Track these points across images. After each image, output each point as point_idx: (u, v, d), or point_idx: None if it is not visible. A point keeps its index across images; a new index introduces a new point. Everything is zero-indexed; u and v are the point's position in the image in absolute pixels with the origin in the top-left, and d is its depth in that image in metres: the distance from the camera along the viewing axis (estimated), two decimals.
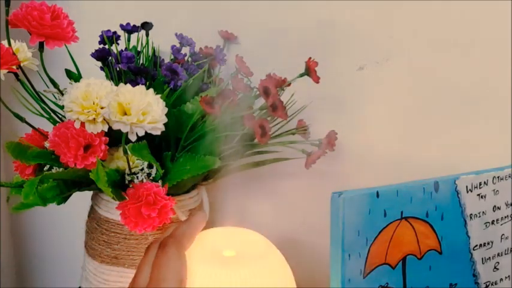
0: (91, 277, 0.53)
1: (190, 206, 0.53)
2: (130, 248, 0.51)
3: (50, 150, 0.46)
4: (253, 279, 0.31)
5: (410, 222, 0.43)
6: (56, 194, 0.46)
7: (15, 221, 0.77)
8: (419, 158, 0.58)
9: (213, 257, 0.32)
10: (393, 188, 0.42)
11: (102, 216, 0.52)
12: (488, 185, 0.46)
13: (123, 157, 0.46)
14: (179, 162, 0.48)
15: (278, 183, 0.64)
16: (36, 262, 0.78)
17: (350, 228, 0.39)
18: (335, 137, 0.53)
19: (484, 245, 0.46)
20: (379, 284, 0.42)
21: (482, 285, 0.46)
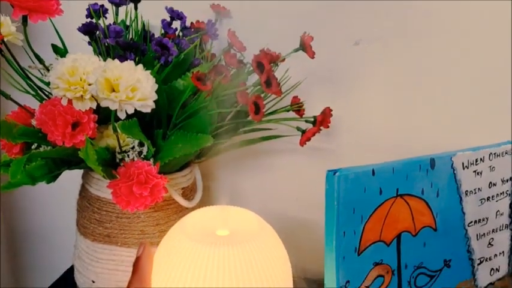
0: (84, 255, 0.53)
1: (183, 185, 0.52)
2: (122, 227, 0.50)
3: (37, 129, 0.44)
4: (247, 258, 0.30)
5: (406, 199, 0.42)
6: (44, 173, 0.45)
7: (7, 200, 0.76)
8: (415, 135, 0.58)
9: (206, 236, 0.32)
10: (389, 165, 0.41)
11: (93, 194, 0.51)
12: (485, 162, 0.46)
13: (113, 135, 0.45)
14: (171, 140, 0.47)
15: (272, 161, 0.63)
16: (29, 241, 0.78)
17: (345, 206, 0.39)
18: (330, 114, 0.53)
19: (479, 222, 0.46)
20: (373, 261, 0.42)
21: (477, 261, 0.46)
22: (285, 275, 0.32)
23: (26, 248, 0.78)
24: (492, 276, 0.47)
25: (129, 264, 0.50)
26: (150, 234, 0.50)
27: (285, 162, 0.63)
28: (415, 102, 0.58)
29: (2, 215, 0.75)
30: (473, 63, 0.56)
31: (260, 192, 0.64)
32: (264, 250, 0.31)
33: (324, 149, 0.60)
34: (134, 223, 0.50)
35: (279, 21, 0.59)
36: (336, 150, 0.60)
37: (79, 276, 0.54)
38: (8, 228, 0.77)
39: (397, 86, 0.58)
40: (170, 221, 0.51)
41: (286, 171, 0.63)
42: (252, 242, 0.31)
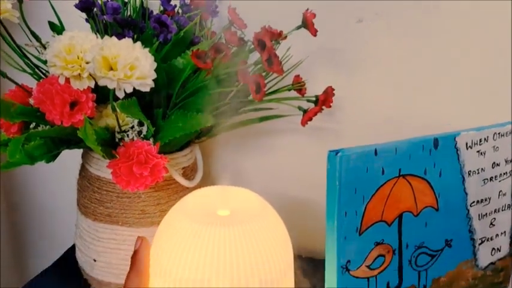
0: (85, 234, 0.53)
1: (184, 164, 0.52)
2: (123, 206, 0.50)
3: (35, 108, 0.44)
4: (247, 239, 0.30)
5: (408, 179, 0.42)
6: (43, 153, 0.45)
7: (7, 179, 0.76)
8: (419, 115, 0.57)
9: (207, 216, 0.32)
10: (392, 145, 0.41)
11: (94, 174, 0.51)
12: (489, 142, 0.45)
13: (112, 115, 0.44)
14: (171, 120, 0.47)
15: (273, 141, 0.63)
16: (29, 220, 0.78)
17: (347, 186, 0.39)
18: (332, 94, 0.52)
19: (481, 202, 0.46)
20: (374, 241, 0.41)
21: (478, 241, 0.46)
22: (286, 255, 0.32)
23: (27, 227, 0.79)
24: (493, 256, 0.47)
25: (130, 243, 0.51)
26: (151, 213, 0.50)
27: (286, 142, 0.62)
28: (418, 81, 0.57)
29: (2, 194, 0.75)
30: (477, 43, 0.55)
31: (261, 172, 0.64)
32: (265, 230, 0.31)
33: (325, 129, 0.59)
34: (135, 203, 0.50)
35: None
36: (337, 130, 0.59)
37: (80, 255, 0.54)
38: (9, 207, 0.77)
39: (400, 65, 0.57)
40: (171, 200, 0.50)
41: (287, 151, 0.63)
42: (253, 222, 0.31)
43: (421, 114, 0.57)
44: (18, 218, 0.78)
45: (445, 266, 0.45)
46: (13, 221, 0.78)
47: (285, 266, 0.31)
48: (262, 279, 0.29)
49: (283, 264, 0.31)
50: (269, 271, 0.30)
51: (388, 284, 0.43)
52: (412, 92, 0.58)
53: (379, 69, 0.58)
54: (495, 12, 0.53)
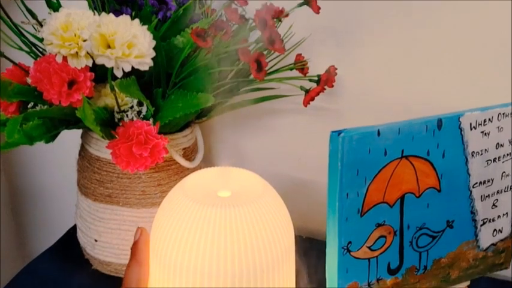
0: (85, 215, 0.53)
1: (184, 145, 0.51)
2: (123, 187, 0.50)
3: (33, 87, 0.43)
4: (248, 220, 0.30)
5: (411, 160, 0.42)
6: (42, 133, 0.44)
7: (8, 159, 0.76)
8: (422, 95, 0.56)
9: (207, 198, 0.31)
10: (395, 126, 0.40)
11: (93, 155, 0.50)
12: (493, 122, 0.45)
13: (111, 94, 0.44)
14: (171, 100, 0.46)
15: (275, 121, 0.62)
16: (30, 200, 0.78)
17: (349, 168, 0.38)
18: (335, 73, 0.51)
19: (484, 183, 0.46)
20: (376, 222, 0.41)
21: (480, 222, 0.46)
22: (287, 236, 0.32)
23: (28, 207, 0.79)
24: (495, 237, 0.47)
25: (131, 223, 0.51)
26: (151, 194, 0.50)
27: (288, 123, 0.62)
28: (422, 61, 0.56)
29: (2, 175, 0.75)
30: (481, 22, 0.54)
31: (262, 153, 0.63)
32: (266, 211, 0.31)
33: (327, 109, 0.58)
34: (135, 183, 0.50)
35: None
36: (340, 110, 0.59)
37: (81, 235, 0.54)
38: (9, 188, 0.77)
39: (405, 44, 0.56)
40: (171, 181, 0.50)
41: (289, 131, 0.62)
42: (254, 203, 0.31)
43: (425, 94, 0.57)
44: (19, 198, 0.78)
45: (446, 247, 0.45)
46: (14, 201, 0.78)
47: (286, 247, 0.31)
48: (263, 260, 0.29)
49: (284, 245, 0.31)
50: (270, 252, 0.30)
51: (388, 265, 0.43)
52: (416, 72, 0.57)
53: (383, 48, 0.57)
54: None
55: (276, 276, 0.30)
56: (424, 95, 0.56)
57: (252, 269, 0.29)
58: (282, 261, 0.31)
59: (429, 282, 0.45)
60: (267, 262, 0.30)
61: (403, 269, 0.43)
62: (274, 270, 0.30)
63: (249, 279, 0.29)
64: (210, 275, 0.29)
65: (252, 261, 0.29)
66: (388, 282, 0.43)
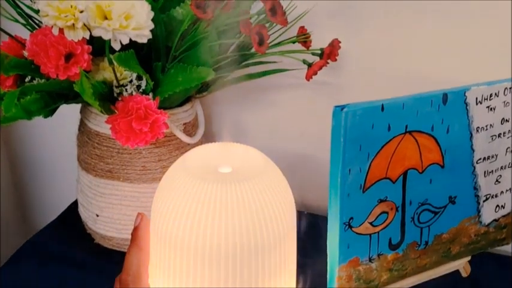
0: (86, 190, 0.53)
1: (185, 120, 0.51)
2: (124, 163, 0.50)
3: (30, 60, 0.42)
4: (249, 196, 0.29)
5: (414, 136, 0.41)
6: (40, 107, 0.43)
7: (8, 134, 0.75)
8: (427, 69, 0.55)
9: (208, 174, 0.31)
10: (399, 101, 0.39)
11: (93, 130, 0.50)
12: (499, 97, 0.44)
13: (109, 68, 0.43)
14: (170, 74, 0.45)
15: (277, 96, 0.61)
16: (31, 174, 0.78)
17: (351, 143, 0.38)
18: (338, 46, 0.50)
19: (488, 158, 0.45)
20: (378, 198, 0.41)
21: (483, 198, 0.46)
22: (289, 213, 0.31)
23: (29, 182, 0.79)
24: (497, 212, 0.47)
25: (132, 199, 0.51)
26: (152, 170, 0.50)
27: (290, 98, 0.61)
28: (428, 35, 0.55)
29: (3, 150, 0.75)
30: None
31: (264, 128, 0.63)
32: (267, 187, 0.31)
33: (330, 83, 0.57)
34: (136, 159, 0.49)
35: None
36: (343, 85, 0.58)
37: (83, 210, 0.55)
38: (10, 163, 0.77)
39: (411, 17, 0.55)
40: (172, 157, 0.50)
41: (291, 106, 0.61)
42: (255, 179, 0.30)
43: (430, 69, 0.55)
44: (20, 173, 0.78)
45: (447, 222, 0.45)
46: (15, 176, 0.78)
47: (287, 224, 0.31)
48: (264, 237, 0.29)
49: (286, 221, 0.31)
50: (271, 229, 0.30)
51: (390, 241, 0.43)
52: (421, 46, 0.56)
53: (388, 21, 0.55)
54: None
55: (278, 253, 0.30)
56: (429, 70, 0.55)
57: (254, 246, 0.29)
58: (283, 237, 0.30)
59: (430, 257, 0.45)
60: (268, 238, 0.29)
61: (404, 244, 0.44)
62: (275, 247, 0.30)
63: (250, 256, 0.29)
64: (211, 251, 0.28)
65: (254, 238, 0.29)
66: (389, 258, 0.43)
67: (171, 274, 0.30)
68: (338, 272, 0.41)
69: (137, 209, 0.51)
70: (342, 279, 0.41)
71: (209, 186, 0.30)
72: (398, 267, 0.44)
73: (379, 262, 0.43)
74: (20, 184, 0.79)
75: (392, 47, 0.56)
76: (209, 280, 0.29)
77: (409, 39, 0.56)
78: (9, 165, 0.77)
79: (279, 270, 0.31)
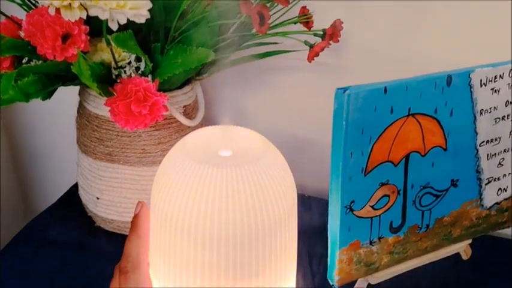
0: (86, 173, 0.52)
1: (184, 103, 0.50)
2: (123, 145, 0.49)
3: (26, 41, 0.41)
4: (250, 180, 0.29)
5: (417, 118, 0.40)
6: (38, 89, 0.43)
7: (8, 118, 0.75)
8: (431, 51, 0.54)
9: (208, 157, 0.30)
10: (402, 83, 0.39)
11: (92, 112, 0.49)
12: (504, 79, 0.43)
13: (107, 49, 0.42)
14: (169, 55, 0.44)
15: (278, 78, 0.61)
16: (32, 157, 0.78)
17: (354, 126, 0.37)
18: (341, 27, 0.49)
19: (491, 141, 0.45)
20: (379, 181, 0.41)
21: (485, 181, 0.46)
22: (290, 197, 0.31)
23: (29, 165, 0.79)
24: (499, 196, 0.47)
25: (132, 182, 0.50)
26: (152, 153, 0.49)
27: (292, 80, 0.60)
28: (433, 16, 0.54)
29: (2, 132, 0.75)
30: None
31: (264, 111, 0.62)
32: (268, 171, 0.30)
33: (333, 65, 0.57)
34: (135, 141, 0.49)
35: None
36: (345, 66, 0.57)
37: (83, 192, 0.54)
38: (10, 145, 0.77)
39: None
40: (172, 140, 0.49)
41: (292, 89, 0.61)
42: (256, 163, 0.30)
43: (434, 50, 0.54)
44: (20, 155, 0.78)
45: (449, 206, 0.45)
46: (15, 159, 0.78)
47: (288, 208, 0.30)
48: (265, 221, 0.29)
49: (287, 205, 0.30)
50: (272, 213, 0.29)
51: (391, 224, 0.43)
52: (425, 27, 0.54)
53: (391, 2, 0.54)
54: None
55: (278, 237, 0.30)
56: (433, 51, 0.54)
57: (254, 229, 0.29)
58: (284, 221, 0.30)
59: (431, 240, 0.45)
60: (269, 223, 0.29)
61: (405, 227, 0.43)
62: (276, 231, 0.30)
63: (251, 240, 0.29)
64: (211, 235, 0.28)
65: (254, 222, 0.29)
66: (390, 241, 0.43)
67: (172, 257, 0.30)
68: (339, 255, 0.41)
69: (137, 192, 0.51)
70: (343, 262, 0.41)
71: (209, 170, 0.29)
72: (399, 250, 0.44)
73: (379, 245, 0.43)
74: (20, 167, 0.79)
75: (396, 28, 0.55)
76: (209, 263, 0.29)
77: (413, 20, 0.55)
78: (10, 148, 0.77)
79: (279, 254, 0.31)
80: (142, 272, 0.33)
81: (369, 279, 0.45)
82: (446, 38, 0.54)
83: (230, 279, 0.29)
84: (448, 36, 0.54)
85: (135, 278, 0.32)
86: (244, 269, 0.29)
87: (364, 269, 0.43)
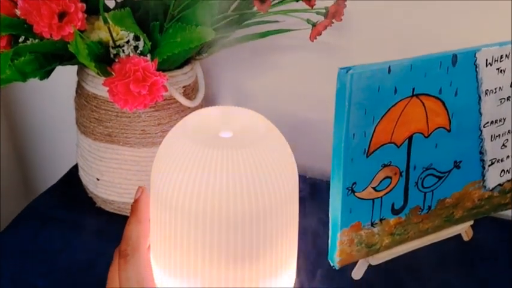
0: (86, 154, 0.52)
1: (184, 83, 0.49)
2: (123, 126, 0.49)
3: (23, 19, 0.40)
4: (251, 161, 0.29)
5: (421, 99, 0.40)
6: (35, 68, 0.42)
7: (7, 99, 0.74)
8: (436, 30, 0.53)
9: (208, 138, 0.30)
10: (407, 62, 0.38)
11: (90, 92, 0.48)
12: (510, 58, 0.42)
13: (105, 27, 0.41)
14: (169, 34, 0.43)
15: (279, 58, 0.60)
16: (32, 138, 0.78)
17: (356, 106, 0.37)
18: (344, 5, 0.48)
19: (495, 122, 0.44)
20: (382, 163, 0.40)
21: (488, 162, 0.45)
22: (291, 179, 0.31)
23: (29, 146, 0.78)
24: (502, 177, 0.46)
25: (132, 163, 0.50)
26: (152, 134, 0.49)
27: (293, 59, 0.59)
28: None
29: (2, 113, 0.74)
30: None
31: (266, 91, 0.61)
32: (269, 153, 0.30)
33: (335, 44, 0.56)
34: (135, 122, 0.48)
35: None
36: (348, 46, 0.56)
37: (83, 174, 0.54)
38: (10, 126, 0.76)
39: None
40: (172, 120, 0.49)
41: (294, 68, 0.60)
42: (257, 144, 0.30)
43: (439, 29, 0.53)
44: (21, 136, 0.78)
45: (451, 187, 0.44)
46: (15, 139, 0.78)
47: (289, 190, 0.30)
48: (266, 203, 0.29)
49: (288, 187, 0.30)
50: (273, 195, 0.29)
51: (392, 205, 0.43)
52: (430, 4, 0.53)
53: None
54: None
55: (280, 218, 0.30)
56: (439, 30, 0.53)
57: (255, 211, 0.28)
58: (285, 202, 0.30)
59: (432, 221, 0.45)
60: (269, 204, 0.29)
61: (406, 209, 0.43)
62: (277, 213, 0.29)
63: (252, 221, 0.28)
64: (212, 217, 0.28)
65: (255, 204, 0.28)
66: (391, 222, 0.43)
67: (172, 239, 0.30)
68: (340, 237, 0.41)
69: (138, 174, 0.50)
70: (344, 243, 0.41)
71: (210, 152, 0.29)
72: (400, 231, 0.44)
73: (381, 227, 0.43)
74: (20, 148, 0.78)
75: (401, 6, 0.54)
76: (210, 245, 0.29)
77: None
78: (9, 128, 0.76)
79: (280, 236, 0.31)
80: (142, 255, 0.33)
81: (369, 260, 0.45)
82: (453, 15, 0.53)
83: (231, 261, 0.29)
84: (455, 13, 0.53)
85: (134, 261, 0.32)
86: (245, 251, 0.29)
87: (365, 250, 0.43)
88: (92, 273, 0.46)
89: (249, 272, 0.29)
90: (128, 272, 0.32)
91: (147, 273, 0.32)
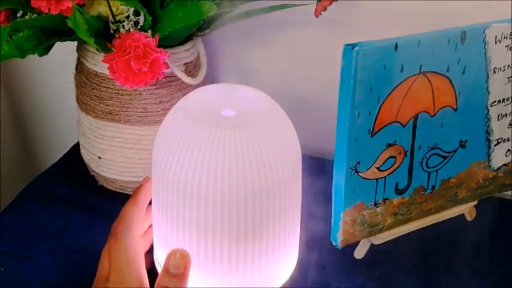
0: (87, 132, 0.52)
1: (186, 60, 0.48)
2: (124, 104, 0.48)
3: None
4: (254, 140, 0.28)
5: (428, 77, 0.39)
6: (34, 45, 0.41)
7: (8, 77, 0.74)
8: (445, 6, 0.51)
9: (211, 117, 0.30)
10: (414, 38, 0.37)
11: (90, 69, 0.48)
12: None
13: (104, 2, 0.40)
14: (170, 9, 0.42)
15: (283, 34, 0.58)
16: (33, 117, 0.77)
17: (362, 85, 0.36)
18: None
19: (502, 101, 0.43)
20: (386, 142, 0.40)
21: (494, 142, 0.45)
22: (294, 157, 0.30)
23: (31, 123, 0.78)
24: (507, 157, 0.46)
25: (134, 141, 0.50)
26: (153, 112, 0.48)
27: (298, 36, 0.58)
28: None
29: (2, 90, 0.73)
30: None
31: (269, 68, 0.60)
32: (272, 131, 0.29)
33: (341, 20, 0.54)
34: (136, 100, 0.48)
35: None
36: (354, 22, 0.54)
37: (85, 152, 0.54)
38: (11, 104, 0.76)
39: None
40: (174, 98, 0.48)
41: (298, 45, 0.58)
42: (260, 123, 0.29)
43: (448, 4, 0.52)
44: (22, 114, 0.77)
45: (456, 167, 0.44)
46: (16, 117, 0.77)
47: (293, 168, 0.30)
48: (269, 182, 0.28)
49: (291, 166, 0.30)
50: (277, 173, 0.29)
51: (396, 185, 0.42)
52: None
53: None
54: None
55: (283, 198, 0.29)
56: (447, 5, 0.52)
57: (257, 190, 0.28)
58: (288, 182, 0.30)
59: (435, 201, 0.45)
60: (272, 183, 0.28)
61: (410, 189, 0.43)
62: (280, 192, 0.29)
63: (254, 201, 0.28)
64: (215, 196, 0.28)
65: (257, 183, 0.28)
66: (395, 202, 0.43)
67: (174, 218, 0.29)
68: (343, 216, 0.40)
69: (139, 152, 0.50)
70: (347, 223, 0.41)
71: (212, 131, 0.28)
72: (403, 211, 0.44)
73: (384, 207, 0.42)
74: (21, 125, 0.78)
75: None
76: (212, 224, 0.28)
77: None
78: (10, 107, 0.76)
79: (283, 215, 0.30)
80: (132, 235, 0.33)
81: (372, 239, 0.45)
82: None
83: (233, 240, 0.29)
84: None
85: (124, 240, 0.32)
86: (248, 230, 0.29)
87: (367, 230, 0.43)
88: (95, 251, 0.46)
89: (251, 250, 0.29)
90: (117, 251, 0.32)
91: (137, 253, 0.32)
